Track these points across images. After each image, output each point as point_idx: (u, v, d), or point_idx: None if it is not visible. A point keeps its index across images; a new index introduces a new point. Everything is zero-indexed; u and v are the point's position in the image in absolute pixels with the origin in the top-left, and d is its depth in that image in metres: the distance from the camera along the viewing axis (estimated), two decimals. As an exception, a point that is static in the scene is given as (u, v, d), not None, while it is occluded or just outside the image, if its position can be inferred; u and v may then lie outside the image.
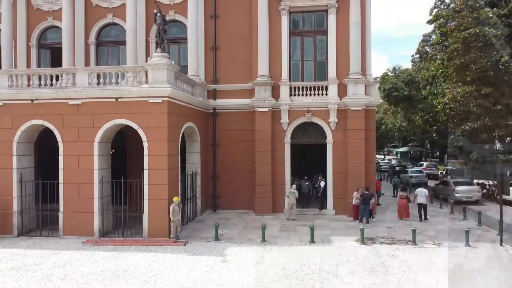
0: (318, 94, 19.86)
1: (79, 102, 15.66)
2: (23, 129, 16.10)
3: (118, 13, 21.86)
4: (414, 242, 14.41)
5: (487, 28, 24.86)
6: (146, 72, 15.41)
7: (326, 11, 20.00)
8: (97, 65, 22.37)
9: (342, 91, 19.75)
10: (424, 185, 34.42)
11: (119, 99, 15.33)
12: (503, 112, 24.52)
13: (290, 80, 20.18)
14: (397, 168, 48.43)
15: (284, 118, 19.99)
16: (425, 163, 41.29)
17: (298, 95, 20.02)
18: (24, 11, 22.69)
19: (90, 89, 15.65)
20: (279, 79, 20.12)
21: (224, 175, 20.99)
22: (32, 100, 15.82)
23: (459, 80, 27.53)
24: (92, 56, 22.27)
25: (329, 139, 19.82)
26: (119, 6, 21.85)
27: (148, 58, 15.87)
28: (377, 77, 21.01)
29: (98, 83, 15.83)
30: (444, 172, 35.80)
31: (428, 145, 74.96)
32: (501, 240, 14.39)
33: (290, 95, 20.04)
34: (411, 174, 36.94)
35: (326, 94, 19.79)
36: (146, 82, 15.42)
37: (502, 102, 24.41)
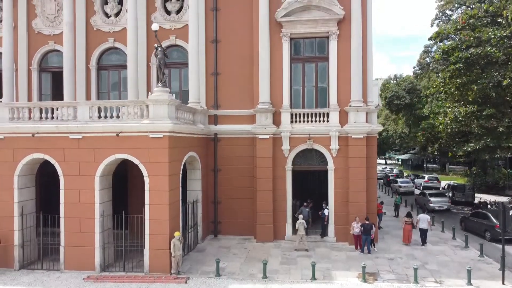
0: (319, 121, 19.82)
1: (80, 136, 15.65)
2: (24, 163, 16.10)
3: (119, 38, 21.85)
4: (416, 280, 14.35)
5: (489, 49, 24.86)
6: (147, 106, 15.41)
7: (328, 37, 19.95)
8: (98, 88, 22.44)
9: (343, 118, 19.72)
10: (411, 194, 39.36)
11: (120, 134, 15.30)
12: (505, 134, 24.49)
13: (291, 107, 20.15)
14: (390, 177, 49.93)
15: (286, 145, 19.95)
16: (426, 176, 41.24)
17: (299, 121, 19.98)
18: (25, 35, 22.70)
19: (91, 123, 15.64)
20: (280, 106, 20.09)
21: (225, 200, 20.97)
22: (33, 134, 15.81)
23: (460, 99, 27.54)
24: (93, 80, 22.26)
25: (331, 166, 19.77)
26: (120, 30, 21.84)
27: (150, 93, 15.82)
28: (377, 105, 20.99)
29: (99, 117, 15.83)
30: (445, 187, 35.73)
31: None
32: (503, 279, 14.35)
33: (291, 121, 20.01)
34: (400, 184, 41.89)
35: (327, 121, 19.75)
36: (147, 117, 15.43)
37: (504, 124, 24.36)
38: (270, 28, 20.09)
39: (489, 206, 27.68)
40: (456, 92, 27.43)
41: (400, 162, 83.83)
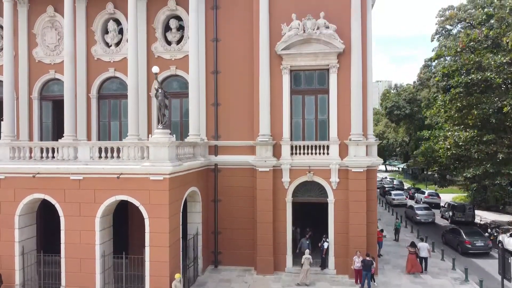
0: (320, 153, 19.85)
1: (80, 177, 15.70)
2: (25, 203, 16.16)
3: (120, 67, 21.88)
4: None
5: (488, 74, 24.88)
6: (148, 148, 15.47)
7: (328, 70, 19.99)
8: (98, 117, 22.48)
9: (343, 150, 19.75)
10: (404, 206, 41.69)
11: (120, 176, 15.35)
12: (505, 160, 24.50)
13: (291, 139, 20.19)
14: (386, 188, 50.89)
15: (286, 177, 19.99)
16: (426, 191, 41.21)
17: (300, 153, 20.02)
18: (26, 64, 22.75)
19: (92, 164, 15.71)
20: (281, 138, 20.12)
21: (226, 231, 21.01)
22: (34, 175, 15.86)
23: (460, 123, 27.56)
24: (93, 109, 22.31)
25: (331, 198, 19.81)
26: (121, 60, 21.86)
27: (150, 135, 15.85)
28: (377, 138, 20.98)
29: (100, 157, 15.90)
30: (445, 206, 35.73)
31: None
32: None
33: (292, 153, 20.04)
34: (394, 197, 45.09)
35: (328, 154, 19.78)
36: (148, 158, 15.48)
37: (504, 150, 24.37)
38: (270, 61, 20.13)
39: (489, 230, 27.69)
40: (456, 115, 27.46)
41: (400, 170, 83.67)
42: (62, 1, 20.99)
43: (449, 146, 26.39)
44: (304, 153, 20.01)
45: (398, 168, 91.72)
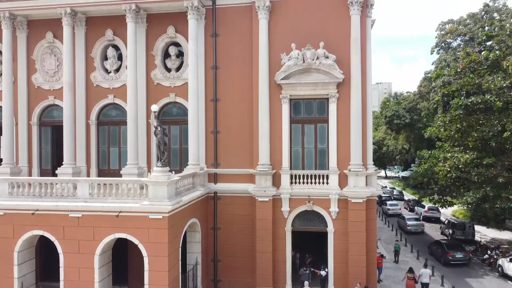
0: (319, 183, 19.84)
1: (79, 215, 15.67)
2: (24, 239, 16.13)
3: (119, 94, 21.85)
4: None
5: (488, 97, 24.84)
6: (147, 186, 15.45)
7: (327, 99, 19.96)
8: (98, 143, 22.47)
9: (343, 180, 19.72)
10: (398, 216, 42.96)
11: (119, 214, 15.32)
12: (505, 185, 24.46)
13: (291, 168, 20.16)
14: (383, 198, 51.38)
15: (285, 207, 19.97)
16: (426, 206, 41.14)
17: (299, 183, 20.00)
18: (25, 89, 22.70)
19: (91, 202, 15.72)
20: (280, 167, 20.10)
21: (225, 259, 20.97)
22: (33, 213, 15.83)
23: (460, 144, 27.52)
24: (93, 135, 22.27)
25: (330, 228, 19.79)
26: (120, 87, 21.82)
27: (149, 173, 15.79)
28: (377, 168, 20.93)
29: (99, 194, 15.89)
30: (446, 222, 35.69)
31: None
32: None
33: (291, 182, 20.02)
34: (389, 207, 47.09)
35: (327, 183, 19.77)
36: (147, 196, 15.47)
37: (504, 174, 24.33)
38: (270, 89, 20.10)
39: (488, 252, 27.65)
40: (456, 135, 27.42)
41: (400, 177, 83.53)
42: (61, 27, 21.12)
43: (448, 169, 26.36)
44: (303, 182, 19.98)
45: (398, 174, 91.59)
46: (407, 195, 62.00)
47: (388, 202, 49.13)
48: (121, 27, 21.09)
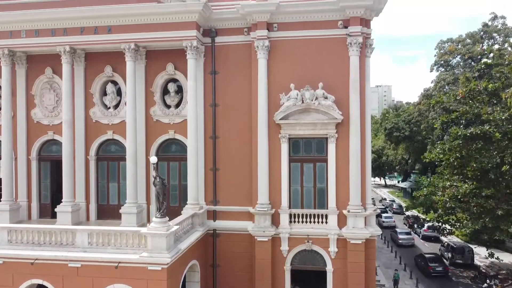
0: (318, 222, 19.86)
1: (78, 265, 15.67)
2: (23, 288, 16.15)
3: (118, 130, 21.86)
4: None
5: (487, 127, 24.85)
6: (145, 237, 15.46)
7: (326, 138, 19.97)
8: (97, 179, 22.50)
9: (342, 220, 19.73)
10: (393, 228, 46.25)
11: (118, 265, 15.33)
12: (504, 217, 24.47)
13: (290, 207, 20.18)
14: (379, 210, 51.36)
15: (284, 246, 19.98)
16: (426, 225, 41.16)
17: (298, 222, 20.02)
18: (24, 124, 22.70)
19: (90, 252, 15.72)
20: (279, 206, 20.11)
21: (224, 296, 21.00)
22: (32, 262, 15.82)
23: (459, 173, 27.53)
24: (92, 171, 22.29)
25: (329, 267, 19.80)
26: (119, 123, 21.85)
27: (148, 224, 15.77)
28: (376, 208, 20.95)
29: (98, 244, 15.90)
30: (445, 245, 35.70)
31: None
32: None
33: (290, 221, 20.05)
34: (384, 220, 49.00)
35: (326, 223, 19.79)
36: (146, 247, 15.48)
37: (503, 206, 24.34)
38: (269, 129, 20.11)
39: (487, 280, 27.68)
40: (455, 163, 27.43)
41: (399, 185, 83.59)
42: (61, 63, 21.15)
43: (447, 199, 26.40)
44: (303, 222, 20.00)
45: (398, 181, 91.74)
46: (407, 212, 61.84)
47: (384, 215, 51.45)
48: (120, 64, 21.11)
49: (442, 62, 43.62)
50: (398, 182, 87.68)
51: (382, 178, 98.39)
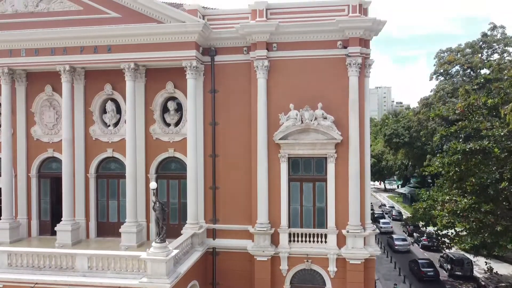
0: (318, 242, 19.90)
1: (78, 289, 15.73)
2: (23, 312, 16.17)
3: (118, 148, 21.89)
4: None
5: (486, 143, 24.86)
6: (145, 262, 15.50)
7: (326, 158, 20.01)
8: (96, 196, 22.54)
9: (341, 239, 19.76)
10: (390, 233, 48.47)
11: (119, 289, 15.39)
12: (503, 233, 24.49)
13: (289, 226, 20.22)
14: (375, 215, 55.51)
15: (284, 265, 20.01)
16: (425, 235, 41.17)
17: (298, 241, 20.05)
18: (24, 142, 22.74)
19: (89, 276, 15.78)
20: (279, 225, 20.15)
21: (224, 315, 21.03)
22: (32, 287, 15.85)
23: (458, 187, 27.55)
24: (92, 189, 22.33)
25: (328, 287, 19.84)
26: (119, 141, 21.88)
27: (147, 250, 15.76)
28: (375, 228, 20.96)
29: (97, 268, 15.94)
30: (444, 256, 35.74)
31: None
32: None
33: (290, 241, 20.08)
34: (382, 225, 50.46)
35: (326, 242, 19.83)
36: (145, 271, 15.51)
37: (502, 222, 24.36)
38: (268, 148, 20.15)
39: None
40: (454, 176, 27.46)
41: (398, 188, 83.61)
42: (61, 81, 21.16)
43: (447, 214, 26.43)
44: (302, 241, 20.03)
45: (398, 186, 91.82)
46: (406, 214, 61.99)
47: (381, 220, 53.93)
48: (120, 82, 21.15)
49: (442, 71, 43.70)
50: (398, 187, 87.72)
51: (381, 182, 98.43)
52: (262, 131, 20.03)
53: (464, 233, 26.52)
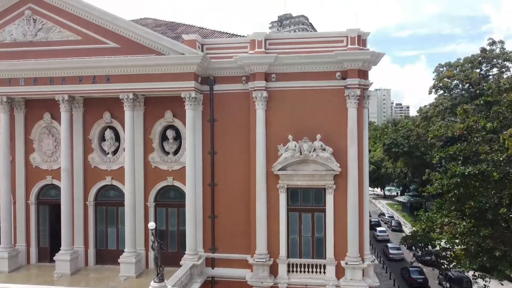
0: (316, 272, 19.91)
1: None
2: None
3: (117, 176, 21.87)
4: None
5: (485, 167, 24.87)
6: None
7: (324, 189, 20.02)
8: (95, 224, 22.50)
9: (340, 271, 19.75)
10: (386, 241, 50.95)
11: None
12: (502, 257, 24.49)
13: (288, 256, 20.23)
14: (372, 223, 55.60)
15: (282, 296, 20.05)
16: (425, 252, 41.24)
17: (296, 272, 20.06)
18: (23, 169, 22.71)
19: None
20: (277, 256, 20.15)
21: None
22: (30, 326, 15.90)
23: (457, 209, 27.55)
24: (90, 216, 22.31)
25: (327, 317, 19.87)
26: (118, 169, 21.85)
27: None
28: (374, 259, 20.98)
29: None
30: (443, 274, 35.76)
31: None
32: None
33: (288, 271, 20.08)
34: (378, 234, 53.17)
35: (324, 273, 19.83)
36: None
37: (501, 247, 24.36)
38: (267, 178, 20.14)
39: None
40: (453, 198, 27.46)
41: (398, 198, 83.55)
42: (59, 109, 21.14)
43: (445, 239, 26.43)
44: (301, 271, 20.04)
45: (397, 193, 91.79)
46: (405, 224, 62.00)
47: (378, 229, 55.91)
48: (119, 110, 21.05)
49: (441, 85, 43.72)
50: (397, 194, 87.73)
51: (381, 189, 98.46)
52: (261, 162, 20.04)
53: (463, 258, 26.48)
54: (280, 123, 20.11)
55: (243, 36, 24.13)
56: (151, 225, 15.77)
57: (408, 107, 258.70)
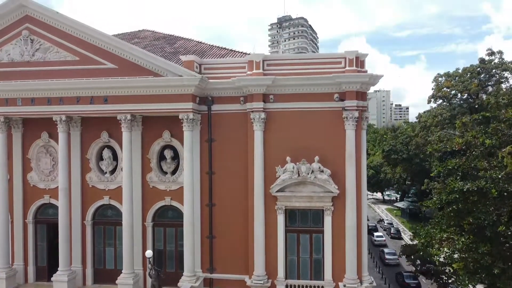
0: (314, 294, 19.90)
1: None
2: None
3: (114, 195, 21.83)
4: None
5: (484, 183, 24.81)
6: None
7: (322, 211, 19.99)
8: (93, 243, 22.46)
9: (338, 291, 19.77)
10: (383, 246, 51.00)
11: None
12: (501, 275, 24.42)
13: (286, 277, 20.21)
14: (369, 227, 55.25)
15: (280, 317, 20.02)
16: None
17: (295, 293, 20.05)
18: (20, 188, 22.69)
19: None
20: (275, 277, 20.13)
21: None
22: None
23: (456, 224, 27.48)
24: (88, 235, 22.29)
25: None
26: (116, 188, 21.82)
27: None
28: (372, 281, 20.91)
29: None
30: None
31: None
32: None
33: (287, 292, 20.08)
34: (375, 238, 53.47)
35: (322, 295, 19.82)
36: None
37: (500, 265, 24.29)
38: (265, 200, 20.13)
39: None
40: (452, 213, 27.39)
41: (397, 204, 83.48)
42: (57, 128, 21.08)
43: (443, 255, 26.36)
44: (299, 293, 20.04)
45: (396, 198, 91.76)
46: (405, 231, 61.84)
47: (375, 233, 56.29)
48: (117, 129, 21.01)
49: (440, 94, 43.71)
50: (396, 199, 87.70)
51: (381, 193, 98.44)
52: (259, 183, 20.01)
53: (461, 274, 26.42)
54: (278, 144, 20.07)
55: (241, 52, 24.24)
56: (148, 253, 15.78)
57: (407, 108, 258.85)
